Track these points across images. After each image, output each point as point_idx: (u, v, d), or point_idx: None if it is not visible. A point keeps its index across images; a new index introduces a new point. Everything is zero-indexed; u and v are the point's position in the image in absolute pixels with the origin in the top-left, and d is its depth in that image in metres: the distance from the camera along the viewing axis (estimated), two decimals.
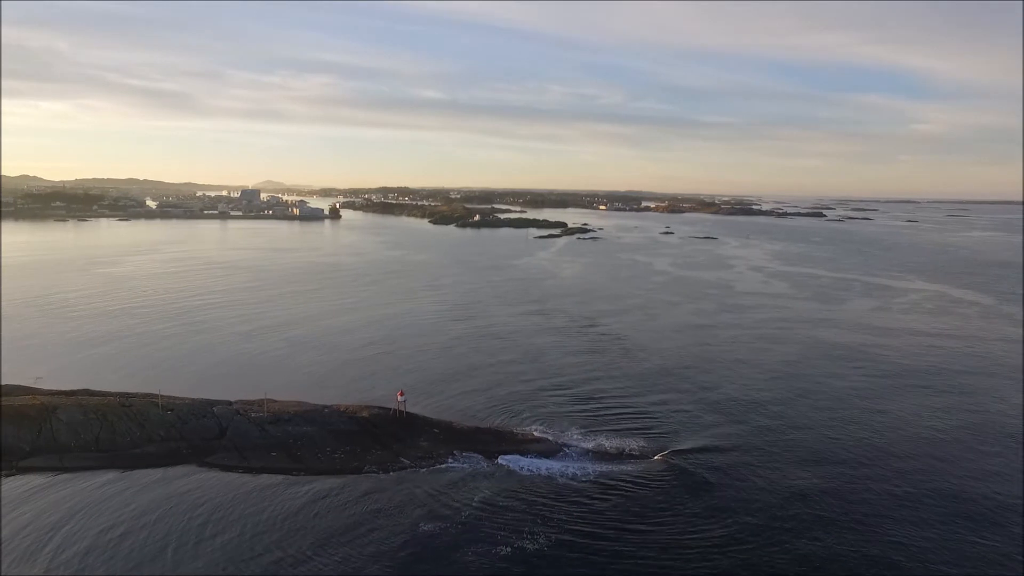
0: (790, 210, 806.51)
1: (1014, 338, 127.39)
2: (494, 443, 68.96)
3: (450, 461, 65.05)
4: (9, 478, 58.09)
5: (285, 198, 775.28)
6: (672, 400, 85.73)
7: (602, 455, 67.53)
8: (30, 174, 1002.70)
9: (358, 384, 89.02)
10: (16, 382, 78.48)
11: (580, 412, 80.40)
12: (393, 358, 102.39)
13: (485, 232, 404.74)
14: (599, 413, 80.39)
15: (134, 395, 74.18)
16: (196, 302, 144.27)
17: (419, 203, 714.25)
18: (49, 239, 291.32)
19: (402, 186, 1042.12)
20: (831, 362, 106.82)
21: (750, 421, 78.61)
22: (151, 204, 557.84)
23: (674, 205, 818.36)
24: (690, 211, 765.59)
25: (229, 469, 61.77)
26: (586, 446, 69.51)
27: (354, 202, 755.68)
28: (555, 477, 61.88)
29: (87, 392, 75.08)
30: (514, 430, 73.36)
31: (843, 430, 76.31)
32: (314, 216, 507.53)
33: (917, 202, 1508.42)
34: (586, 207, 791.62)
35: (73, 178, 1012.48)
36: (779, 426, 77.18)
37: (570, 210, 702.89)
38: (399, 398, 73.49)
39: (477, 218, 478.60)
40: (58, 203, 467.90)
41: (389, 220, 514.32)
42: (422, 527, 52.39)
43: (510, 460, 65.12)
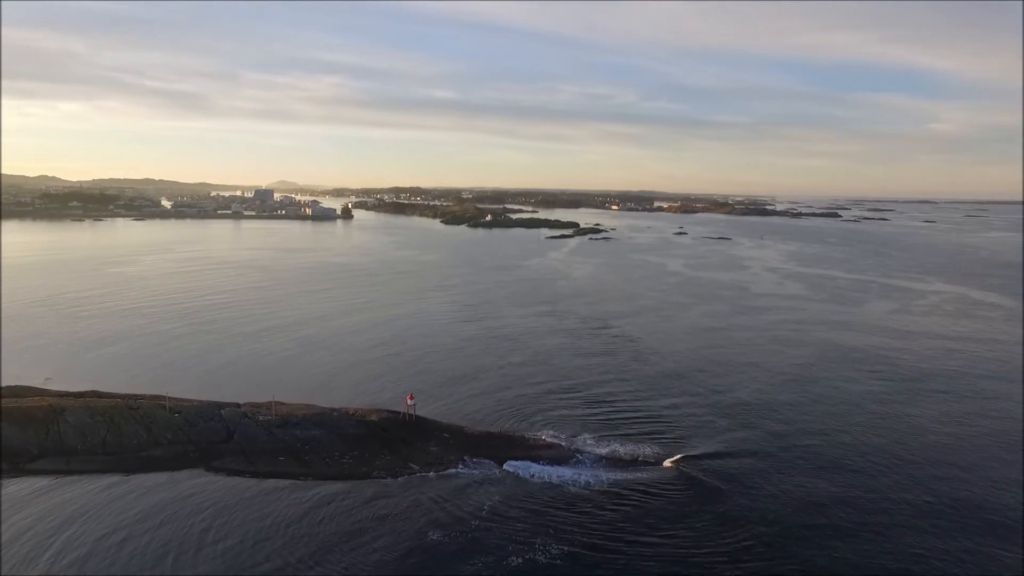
0: (804, 210, 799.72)
1: None
2: (505, 448, 67.77)
3: (460, 467, 64.00)
4: (14, 480, 57.79)
5: (298, 198, 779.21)
6: (685, 404, 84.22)
7: (615, 462, 66.08)
8: (49, 174, 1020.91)
9: (367, 386, 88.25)
10: (25, 382, 78.61)
11: (591, 416, 79.10)
12: (402, 359, 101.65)
13: (497, 232, 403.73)
14: (610, 417, 79.02)
15: (142, 397, 73.84)
16: (207, 302, 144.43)
17: (431, 203, 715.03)
18: (65, 239, 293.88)
19: (414, 186, 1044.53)
20: (847, 366, 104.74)
21: (764, 426, 76.97)
22: (166, 204, 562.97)
23: (687, 205, 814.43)
24: (703, 211, 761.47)
25: (235, 474, 61.12)
26: (600, 452, 68.00)
27: (366, 202, 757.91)
28: (566, 485, 60.64)
29: (95, 394, 74.83)
30: (525, 435, 72.13)
31: (860, 436, 74.46)
32: (326, 216, 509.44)
33: (935, 202, 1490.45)
34: (598, 207, 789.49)
35: (91, 178, 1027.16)
36: (793, 432, 75.47)
37: (582, 210, 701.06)
38: (408, 401, 72.59)
39: (489, 218, 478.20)
40: (75, 203, 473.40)
41: (401, 220, 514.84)
42: (429, 535, 51.33)
43: (521, 466, 63.91)
